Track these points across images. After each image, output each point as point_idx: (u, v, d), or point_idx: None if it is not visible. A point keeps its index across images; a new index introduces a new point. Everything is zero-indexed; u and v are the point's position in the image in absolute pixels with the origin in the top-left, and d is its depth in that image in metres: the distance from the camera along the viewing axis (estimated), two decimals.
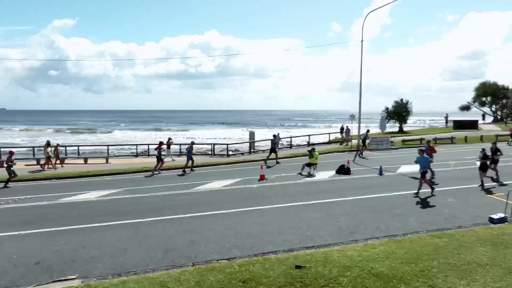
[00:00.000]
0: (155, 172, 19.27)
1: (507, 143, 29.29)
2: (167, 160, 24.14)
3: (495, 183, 14.44)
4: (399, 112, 39.50)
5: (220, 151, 30.97)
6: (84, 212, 11.93)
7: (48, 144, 22.07)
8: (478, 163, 14.61)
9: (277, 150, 22.63)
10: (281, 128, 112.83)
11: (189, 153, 19.70)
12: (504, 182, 14.59)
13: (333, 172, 17.34)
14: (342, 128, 33.03)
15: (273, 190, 14.11)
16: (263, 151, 30.24)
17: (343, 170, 17.09)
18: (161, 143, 20.51)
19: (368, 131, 27.08)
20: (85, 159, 24.99)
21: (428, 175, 13.82)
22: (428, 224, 9.84)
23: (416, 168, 18.10)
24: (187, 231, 9.73)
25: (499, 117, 55.42)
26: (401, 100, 40.76)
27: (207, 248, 8.45)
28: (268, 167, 20.40)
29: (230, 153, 28.71)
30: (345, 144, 30.61)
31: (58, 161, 22.85)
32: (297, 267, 6.93)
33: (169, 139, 26.01)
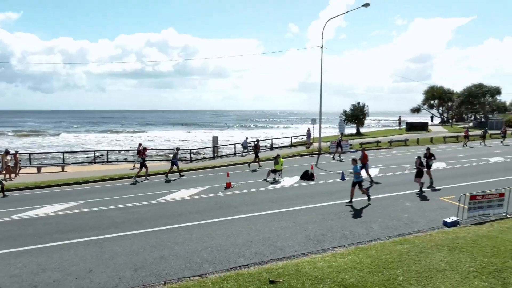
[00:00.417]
0: (147, 179, 19.27)
1: (463, 145, 31.49)
2: (137, 167, 23.56)
3: (429, 189, 15.03)
4: (357, 115, 41.17)
5: (182, 153, 30.40)
6: (42, 229, 11.26)
7: (6, 152, 20.47)
8: (414, 170, 15.28)
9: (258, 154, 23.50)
10: (241, 129, 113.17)
11: (174, 158, 19.81)
12: (437, 187, 15.61)
13: (298, 178, 17.71)
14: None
15: (240, 199, 14.14)
16: (227, 155, 30.22)
17: (307, 175, 17.50)
18: (145, 149, 20.65)
19: (342, 133, 28.51)
20: (38, 168, 23.51)
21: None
22: (390, 229, 10.37)
23: (374, 172, 19.04)
24: (155, 246, 9.51)
25: (445, 119, 59.42)
26: (358, 103, 42.46)
27: (178, 264, 8.33)
28: (253, 171, 20.96)
29: (193, 156, 28.34)
30: (307, 147, 31.33)
31: (16, 171, 21.23)
32: (271, 282, 7.03)
33: (140, 145, 25.93)
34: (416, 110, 61.14)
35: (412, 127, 44.36)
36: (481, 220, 10.98)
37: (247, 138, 33.19)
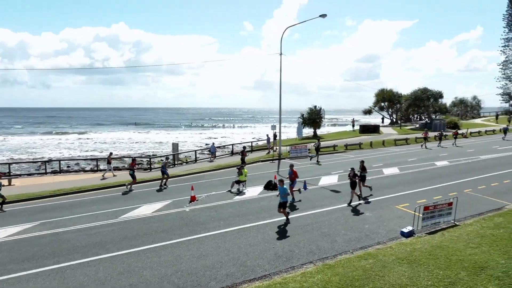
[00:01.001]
0: (129, 189, 19.29)
1: (421, 146, 33.62)
2: (108, 176, 22.93)
3: (362, 201, 15.21)
4: (313, 118, 42.45)
5: (139, 161, 29.36)
6: None
7: None
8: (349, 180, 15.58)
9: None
10: (198, 129, 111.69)
11: (164, 168, 20.24)
12: (369, 199, 16.71)
13: (261, 188, 17.94)
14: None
15: (207, 214, 14.07)
16: (187, 162, 29.75)
17: (270, 185, 17.79)
18: (133, 160, 20.67)
19: (319, 139, 30.93)
20: None
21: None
22: (353, 242, 10.91)
23: (334, 180, 19.80)
24: (122, 273, 9.25)
25: (394, 120, 63.05)
26: (315, 107, 43.83)
27: None
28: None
29: (152, 164, 27.58)
30: (268, 152, 31.76)
31: None
32: None
33: (110, 154, 25.45)
34: (367, 112, 64.70)
35: (365, 129, 46.61)
36: (433, 229, 11.87)
37: (213, 143, 33.21)
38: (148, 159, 28.84)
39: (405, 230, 11.61)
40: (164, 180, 20.08)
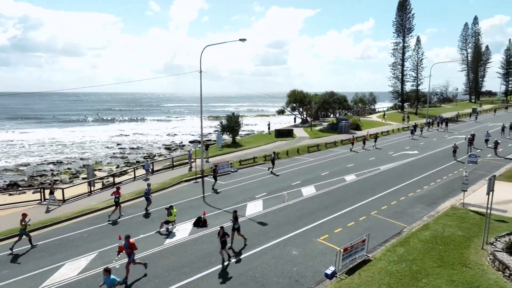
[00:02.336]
0: (113, 217, 19.60)
1: (362, 147, 36.97)
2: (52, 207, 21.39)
3: (233, 259, 14.48)
4: (232, 126, 43.34)
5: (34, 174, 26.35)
6: None
7: None
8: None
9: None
10: (106, 124, 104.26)
11: (147, 194, 20.63)
12: (311, 225, 18.51)
13: (191, 226, 18.04)
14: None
15: (139, 270, 13.70)
16: (103, 185, 27.88)
17: (200, 222, 18.02)
18: (118, 188, 20.56)
19: (274, 153, 32.26)
20: None
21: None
22: None
23: (259, 206, 20.81)
24: None
25: (305, 119, 67.55)
26: (233, 114, 44.79)
27: None
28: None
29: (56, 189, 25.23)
30: (190, 168, 31.53)
31: None
32: None
33: (53, 183, 22.75)
34: (280, 112, 68.45)
35: (280, 133, 49.21)
36: (351, 265, 13.59)
37: (147, 160, 31.86)
38: (50, 186, 26.06)
39: (329, 271, 13.07)
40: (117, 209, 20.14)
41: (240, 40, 25.76)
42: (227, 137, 46.88)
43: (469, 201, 20.42)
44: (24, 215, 16.31)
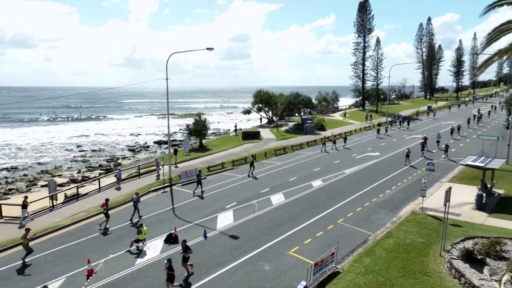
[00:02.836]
0: (102, 228, 20.06)
1: (332, 148, 37.84)
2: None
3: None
4: (199, 130, 43.08)
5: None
6: None
7: None
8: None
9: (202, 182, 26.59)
10: (64, 123, 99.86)
11: (136, 203, 21.30)
12: (280, 237, 19.02)
13: (162, 243, 17.86)
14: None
15: None
16: (66, 197, 26.70)
17: (171, 239, 17.90)
18: (107, 200, 20.80)
19: (253, 156, 32.92)
20: None
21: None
22: None
23: (230, 218, 20.97)
24: None
25: (271, 118, 68.29)
26: (199, 117, 44.51)
27: None
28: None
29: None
30: (157, 177, 31.00)
31: None
32: None
33: (25, 197, 22.29)
34: (247, 112, 68.78)
35: (247, 135, 49.49)
36: (321, 278, 14.15)
37: (119, 169, 30.82)
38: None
39: (300, 286, 13.51)
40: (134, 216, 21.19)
41: (207, 49, 25.66)
42: (193, 139, 46.61)
43: (427, 204, 21.77)
44: (27, 230, 16.87)
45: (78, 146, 61.82)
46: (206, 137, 46.82)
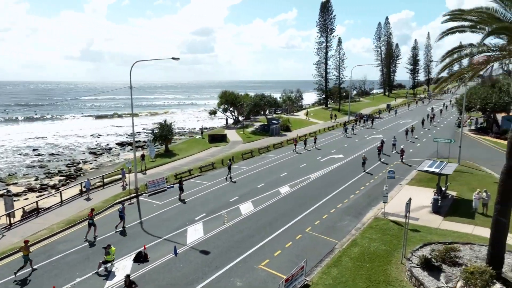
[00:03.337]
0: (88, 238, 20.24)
1: (293, 151, 38.78)
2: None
3: None
4: (165, 135, 42.43)
5: None
6: None
7: None
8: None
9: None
10: (15, 123, 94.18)
11: (122, 213, 21.51)
12: (248, 251, 19.39)
13: (131, 262, 17.56)
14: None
15: None
16: (28, 214, 25.41)
17: (141, 258, 17.66)
18: (92, 210, 21.12)
19: (230, 160, 33.32)
20: None
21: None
22: None
23: (200, 231, 20.97)
24: None
25: (236, 119, 68.44)
26: (165, 121, 43.85)
27: None
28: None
29: None
30: (123, 187, 30.23)
31: None
32: None
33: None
34: (213, 113, 68.64)
35: (214, 139, 49.30)
36: None
37: (88, 179, 29.49)
38: None
39: None
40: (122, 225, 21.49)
41: (173, 58, 25.30)
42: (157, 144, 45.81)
43: (388, 209, 22.94)
44: (26, 242, 17.08)
45: (34, 150, 58.78)
46: (172, 139, 46.02)
